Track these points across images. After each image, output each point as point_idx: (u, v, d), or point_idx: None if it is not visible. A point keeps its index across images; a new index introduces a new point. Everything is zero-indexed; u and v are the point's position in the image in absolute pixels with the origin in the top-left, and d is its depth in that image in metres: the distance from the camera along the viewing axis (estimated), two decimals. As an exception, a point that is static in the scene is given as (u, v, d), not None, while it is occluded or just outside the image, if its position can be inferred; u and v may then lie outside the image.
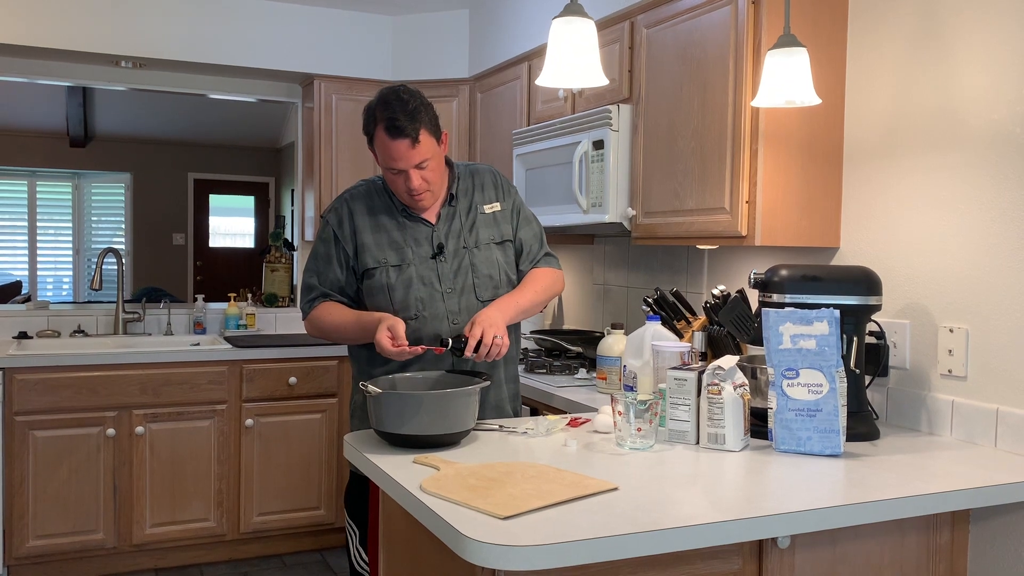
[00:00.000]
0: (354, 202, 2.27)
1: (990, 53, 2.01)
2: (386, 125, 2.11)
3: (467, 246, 2.25)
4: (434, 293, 2.21)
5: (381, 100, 2.15)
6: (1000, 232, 1.99)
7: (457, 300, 2.22)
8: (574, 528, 1.36)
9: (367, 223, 2.24)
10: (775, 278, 2.08)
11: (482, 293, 2.24)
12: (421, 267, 2.21)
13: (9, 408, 3.36)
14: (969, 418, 2.04)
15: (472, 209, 2.29)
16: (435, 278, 2.22)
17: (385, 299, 2.20)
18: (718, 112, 2.41)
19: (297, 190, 4.57)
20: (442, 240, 2.24)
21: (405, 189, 2.17)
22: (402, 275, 2.20)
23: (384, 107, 2.12)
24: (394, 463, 1.76)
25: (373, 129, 2.15)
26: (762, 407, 2.01)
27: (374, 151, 2.19)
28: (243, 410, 3.73)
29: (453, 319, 2.21)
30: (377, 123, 2.13)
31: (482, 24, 3.99)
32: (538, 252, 2.35)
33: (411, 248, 2.22)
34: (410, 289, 2.19)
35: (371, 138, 2.18)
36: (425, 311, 2.20)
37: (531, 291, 2.26)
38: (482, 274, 2.24)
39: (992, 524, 1.90)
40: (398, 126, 2.09)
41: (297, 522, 3.85)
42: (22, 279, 8.76)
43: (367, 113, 2.18)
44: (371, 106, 2.17)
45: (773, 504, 1.52)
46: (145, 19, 3.87)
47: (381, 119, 2.12)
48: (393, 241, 2.23)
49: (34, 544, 3.41)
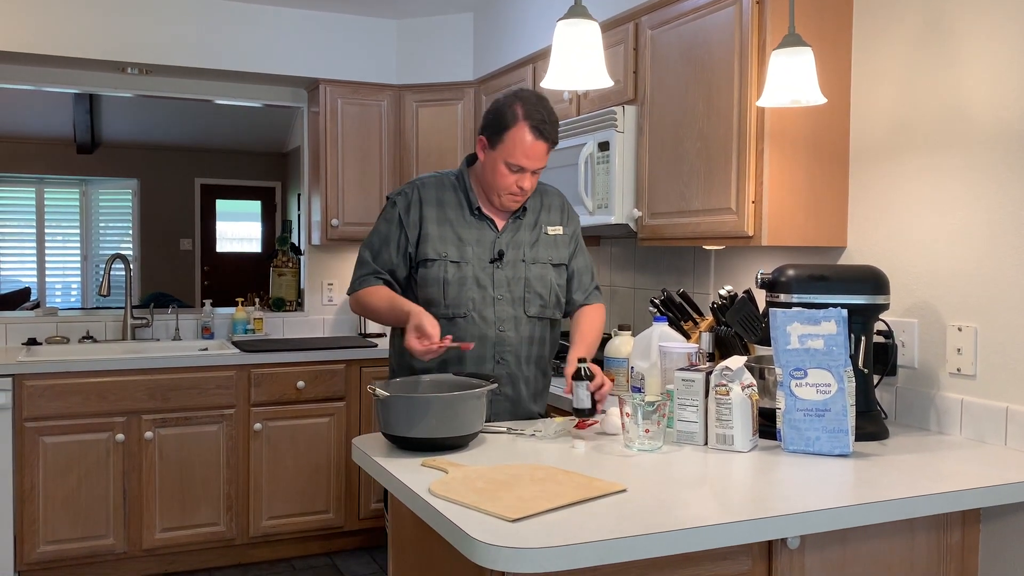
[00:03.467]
0: (425, 189, 2.29)
1: (996, 51, 2.00)
2: (535, 124, 2.16)
3: (525, 260, 2.30)
4: (486, 297, 2.25)
5: (528, 99, 2.19)
6: (1008, 229, 1.98)
7: (505, 308, 2.27)
8: (583, 530, 1.36)
9: (434, 214, 2.26)
10: (782, 278, 2.08)
11: (529, 308, 2.30)
12: (478, 269, 2.26)
13: (19, 414, 3.37)
14: (978, 417, 2.03)
15: (537, 227, 2.34)
16: (489, 283, 2.26)
17: (438, 292, 2.24)
18: (723, 112, 2.41)
19: (303, 194, 4.58)
20: (503, 248, 2.28)
21: (514, 188, 2.22)
22: (459, 272, 2.24)
23: (533, 107, 2.17)
24: (403, 466, 1.76)
25: (513, 123, 2.17)
26: (770, 407, 2.01)
27: (497, 143, 2.18)
28: (251, 414, 3.74)
29: (500, 326, 2.26)
30: (522, 119, 2.16)
31: (486, 27, 4.00)
32: (590, 284, 2.43)
33: (472, 247, 2.26)
34: (464, 288, 2.24)
35: (504, 128, 2.17)
36: (475, 312, 2.24)
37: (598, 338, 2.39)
38: (534, 290, 2.30)
39: (1003, 523, 1.90)
40: (544, 130, 2.18)
41: (306, 526, 3.85)
42: (31, 286, 8.79)
43: (506, 106, 2.19)
44: (513, 101, 2.19)
45: (782, 505, 1.52)
46: (151, 26, 3.89)
47: (529, 117, 2.16)
48: (457, 237, 2.26)
49: (45, 550, 3.42)
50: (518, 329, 2.29)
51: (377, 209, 4.23)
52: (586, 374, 2.01)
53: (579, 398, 1.98)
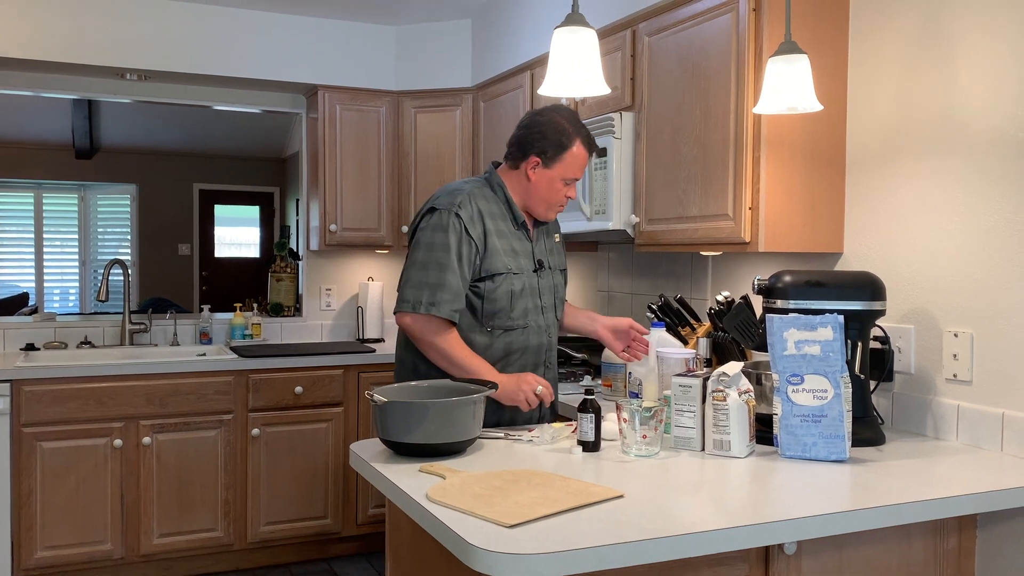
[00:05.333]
0: (479, 201, 2.26)
1: (991, 58, 2.01)
2: (587, 140, 2.27)
3: (552, 267, 2.38)
4: (537, 306, 2.32)
5: (569, 116, 2.27)
6: (1004, 236, 1.99)
7: (549, 316, 2.35)
8: (580, 536, 1.37)
9: (493, 226, 2.26)
10: (779, 284, 2.09)
11: (559, 312, 2.41)
12: (528, 279, 2.30)
13: (17, 420, 3.37)
14: (975, 422, 2.03)
15: (548, 235, 2.42)
16: (537, 292, 2.32)
17: (506, 305, 2.25)
18: (720, 119, 2.42)
19: (302, 200, 4.59)
20: (542, 257, 2.35)
21: (564, 199, 2.30)
22: (521, 284, 2.27)
23: (578, 123, 2.28)
24: (400, 472, 1.76)
25: (571, 142, 2.24)
26: (767, 413, 2.01)
27: (555, 162, 2.24)
28: (249, 420, 3.74)
29: (548, 332, 2.34)
30: (577, 136, 2.26)
31: (485, 34, 4.01)
32: (565, 288, 2.50)
33: (522, 259, 2.30)
34: (524, 299, 2.28)
35: (563, 148, 2.24)
36: (530, 322, 2.30)
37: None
38: (559, 296, 2.41)
39: (999, 529, 1.90)
40: (594, 143, 2.31)
41: (304, 531, 3.85)
42: (29, 291, 8.78)
43: (559, 128, 2.24)
44: (561, 120, 2.25)
45: (779, 510, 1.52)
46: (150, 32, 3.90)
47: (582, 134, 2.27)
48: (512, 249, 2.29)
49: (42, 555, 3.42)
50: (553, 334, 2.38)
51: (375, 214, 4.24)
52: (592, 407, 1.98)
53: (583, 431, 1.98)
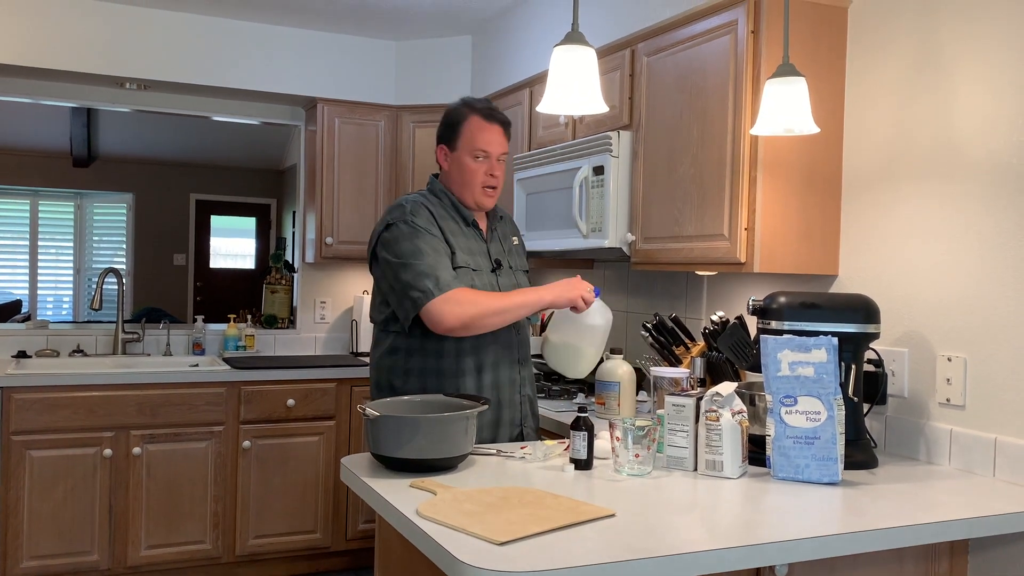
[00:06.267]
0: (427, 207, 2.26)
1: (988, 83, 2.02)
2: (483, 111, 2.28)
3: (513, 267, 2.38)
4: None
5: (468, 98, 2.35)
6: (998, 260, 1.99)
7: None
8: (571, 554, 1.36)
9: (447, 227, 2.27)
10: (774, 305, 2.09)
11: None
12: (488, 278, 2.29)
13: (6, 427, 3.35)
14: (967, 447, 2.03)
15: (507, 237, 2.43)
16: (498, 290, 2.30)
17: None
18: (717, 140, 2.43)
19: (299, 212, 4.59)
20: (499, 256, 2.35)
21: (484, 179, 2.27)
22: (480, 281, 2.26)
23: (475, 100, 2.31)
24: (391, 487, 1.75)
25: (464, 117, 2.27)
26: (760, 434, 2.01)
27: (455, 141, 2.27)
28: (241, 432, 3.72)
29: (517, 329, 2.32)
30: (472, 111, 2.27)
31: (484, 50, 4.03)
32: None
33: (477, 257, 2.29)
34: None
35: (458, 126, 2.27)
36: None
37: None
38: None
39: (991, 554, 1.89)
40: (494, 113, 2.29)
41: (293, 545, 3.83)
42: (22, 298, 8.76)
43: (452, 110, 2.30)
44: (456, 104, 2.33)
45: (771, 532, 1.52)
46: (150, 42, 3.91)
47: (476, 107, 2.28)
48: (468, 248, 2.28)
49: (28, 565, 3.39)
50: (522, 330, 2.37)
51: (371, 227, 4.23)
52: (585, 424, 1.96)
53: (576, 449, 1.97)
